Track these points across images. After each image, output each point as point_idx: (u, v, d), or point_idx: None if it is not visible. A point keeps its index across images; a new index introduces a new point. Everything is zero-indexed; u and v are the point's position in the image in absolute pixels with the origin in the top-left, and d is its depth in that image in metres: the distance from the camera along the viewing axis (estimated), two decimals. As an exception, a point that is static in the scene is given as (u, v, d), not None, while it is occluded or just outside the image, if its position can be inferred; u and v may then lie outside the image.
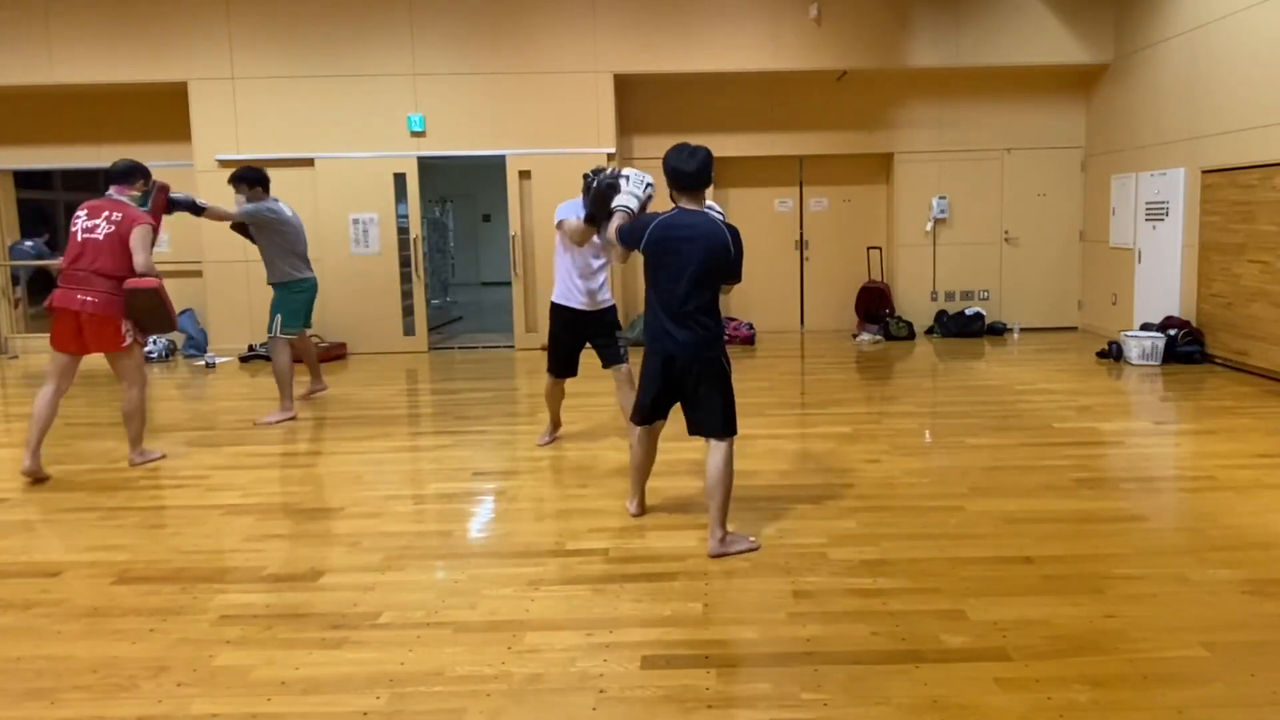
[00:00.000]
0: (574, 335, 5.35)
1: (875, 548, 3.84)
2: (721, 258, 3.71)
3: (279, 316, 6.58)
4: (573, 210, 4.97)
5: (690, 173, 3.73)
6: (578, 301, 5.21)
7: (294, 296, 6.65)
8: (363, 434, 6.21)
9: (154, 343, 9.91)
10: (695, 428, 3.90)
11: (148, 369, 9.31)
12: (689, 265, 3.70)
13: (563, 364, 5.44)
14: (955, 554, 3.75)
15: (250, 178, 6.62)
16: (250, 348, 9.82)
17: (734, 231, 3.78)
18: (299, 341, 6.89)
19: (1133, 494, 4.60)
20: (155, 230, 5.33)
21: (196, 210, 6.12)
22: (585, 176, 4.73)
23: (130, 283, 5.14)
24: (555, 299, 5.29)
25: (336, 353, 9.71)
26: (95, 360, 5.49)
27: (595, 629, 3.14)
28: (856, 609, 3.26)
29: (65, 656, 3.03)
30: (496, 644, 3.04)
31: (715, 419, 3.79)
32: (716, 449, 3.79)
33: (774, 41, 9.75)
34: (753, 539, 3.87)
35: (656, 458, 4.25)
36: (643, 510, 4.34)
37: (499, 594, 3.46)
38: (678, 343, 3.76)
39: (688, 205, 3.80)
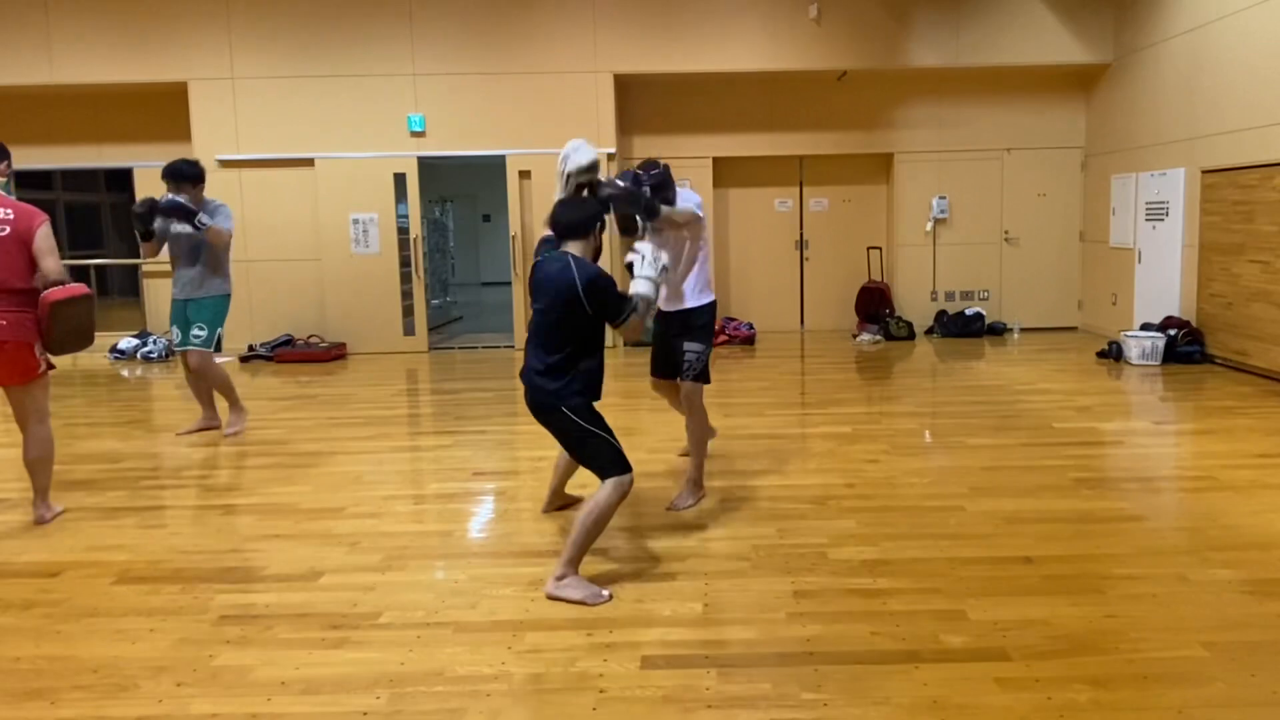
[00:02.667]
0: (658, 333, 4.74)
1: (875, 548, 3.84)
2: (567, 299, 3.42)
3: (219, 331, 5.98)
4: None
5: (562, 223, 3.61)
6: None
7: (226, 306, 6.06)
8: (363, 434, 6.21)
9: (154, 342, 9.92)
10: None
11: (146, 368, 9.33)
12: (539, 308, 3.54)
13: (653, 360, 4.85)
14: (955, 554, 3.75)
15: (195, 174, 5.84)
16: (250, 347, 9.82)
17: (590, 274, 3.44)
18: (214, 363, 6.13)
19: (1133, 494, 4.60)
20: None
21: (195, 226, 5.64)
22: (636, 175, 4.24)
23: (55, 293, 4.09)
24: None
25: (337, 353, 9.71)
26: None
27: (595, 629, 3.13)
28: (856, 609, 3.26)
29: (65, 656, 3.03)
30: (496, 644, 3.04)
31: (590, 464, 3.55)
32: (600, 488, 3.46)
33: (774, 41, 9.75)
34: (605, 593, 3.38)
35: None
36: (554, 507, 4.37)
37: (499, 594, 3.46)
38: (528, 389, 3.59)
39: (569, 249, 3.59)
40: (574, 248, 3.58)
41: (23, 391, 4.28)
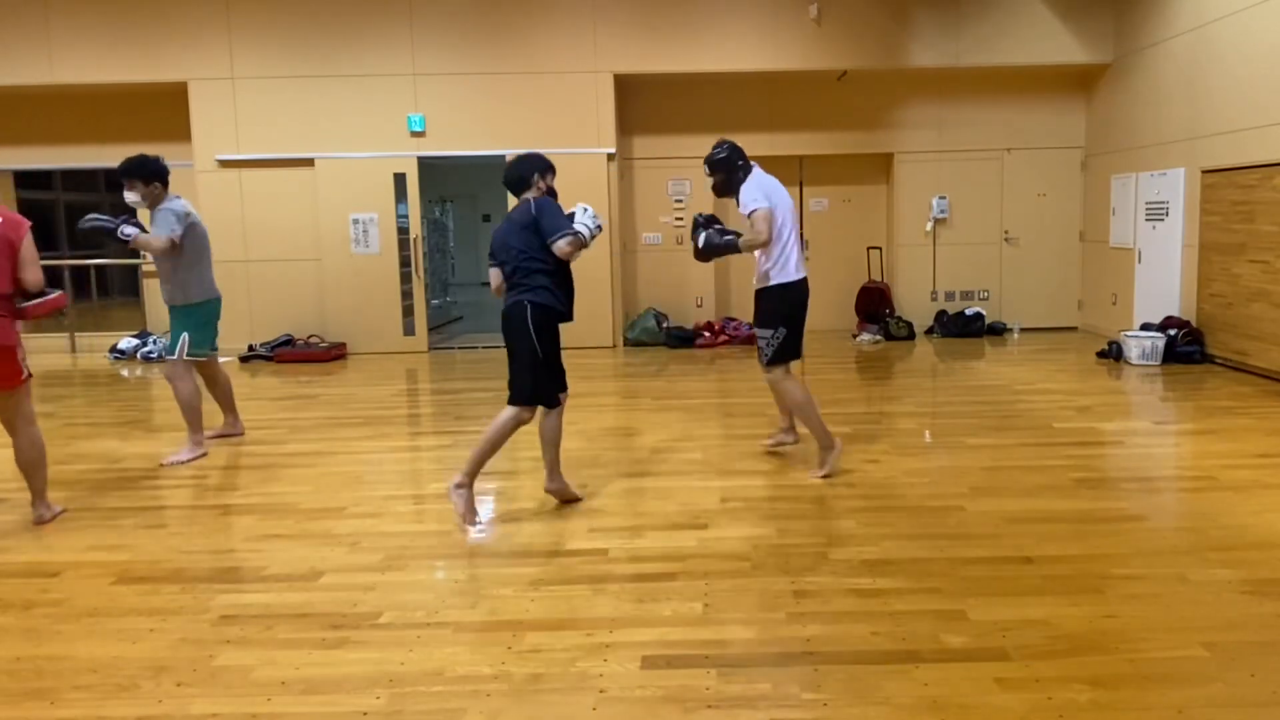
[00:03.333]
0: None
1: (875, 548, 3.84)
2: (524, 225, 4.25)
3: (185, 336, 5.53)
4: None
5: (510, 183, 4.42)
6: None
7: (202, 313, 5.64)
8: (363, 434, 6.20)
9: (154, 342, 9.92)
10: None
11: (146, 368, 9.33)
12: (514, 248, 4.29)
13: None
14: (955, 554, 3.75)
15: (150, 172, 5.40)
16: (250, 347, 9.82)
17: (540, 199, 4.29)
18: (210, 367, 5.85)
19: (1133, 494, 4.60)
20: None
21: (119, 239, 5.23)
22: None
23: (39, 306, 4.19)
24: None
25: (336, 353, 9.72)
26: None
27: (595, 629, 3.13)
28: (856, 609, 3.26)
29: (65, 656, 3.03)
30: (496, 644, 3.04)
31: (511, 382, 4.28)
32: (503, 411, 4.29)
33: (774, 41, 9.75)
34: (479, 523, 4.21)
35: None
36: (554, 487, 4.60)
37: (499, 594, 3.46)
38: (504, 311, 4.38)
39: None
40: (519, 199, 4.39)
41: (6, 397, 4.23)
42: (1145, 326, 8.62)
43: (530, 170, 4.39)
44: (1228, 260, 7.88)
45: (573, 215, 4.36)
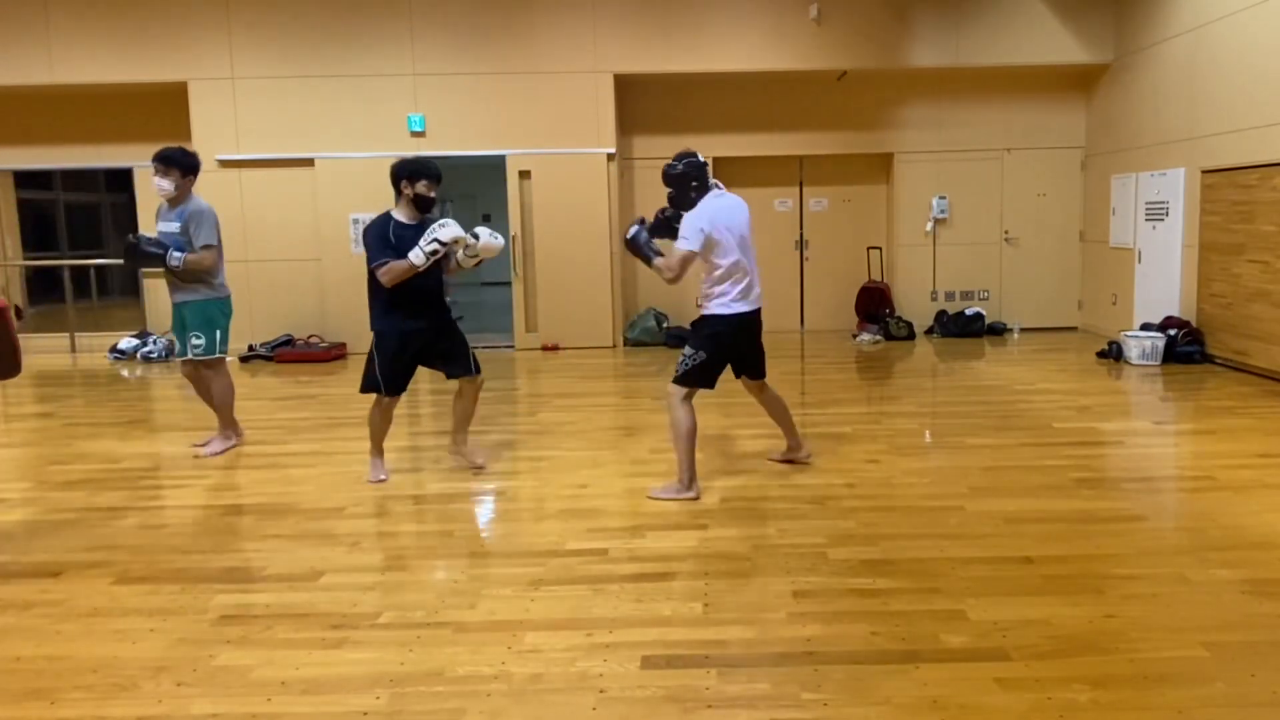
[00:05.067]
0: None
1: (875, 548, 3.84)
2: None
3: (218, 333, 5.51)
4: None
5: None
6: None
7: (225, 311, 5.60)
8: (363, 434, 6.18)
9: (154, 342, 9.92)
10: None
11: (146, 368, 9.33)
12: None
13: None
14: (955, 554, 3.75)
15: (190, 164, 5.40)
16: (250, 347, 9.82)
17: (367, 226, 4.78)
18: (220, 368, 5.69)
19: (1133, 494, 4.60)
20: None
21: (169, 266, 5.29)
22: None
23: None
24: None
25: (336, 353, 9.72)
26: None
27: (595, 629, 3.13)
28: (856, 609, 3.26)
29: (65, 656, 3.03)
30: (496, 644, 3.04)
31: None
32: None
33: (774, 41, 9.75)
34: (384, 476, 5.00)
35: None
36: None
37: (499, 594, 3.46)
38: None
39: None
40: (396, 207, 4.82)
41: None
42: (1145, 326, 8.62)
43: (397, 177, 4.67)
44: (1228, 260, 7.88)
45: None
